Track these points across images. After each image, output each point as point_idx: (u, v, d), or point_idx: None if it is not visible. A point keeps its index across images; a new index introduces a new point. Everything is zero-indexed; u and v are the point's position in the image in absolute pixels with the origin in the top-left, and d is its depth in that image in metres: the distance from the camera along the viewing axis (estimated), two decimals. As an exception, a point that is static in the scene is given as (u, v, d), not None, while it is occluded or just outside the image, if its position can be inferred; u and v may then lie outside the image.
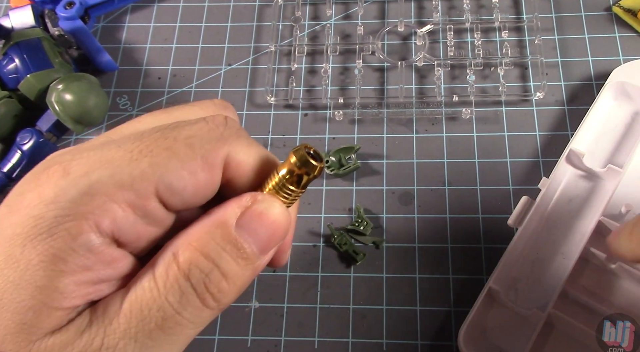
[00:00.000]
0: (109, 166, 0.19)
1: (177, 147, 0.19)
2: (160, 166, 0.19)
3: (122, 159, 0.19)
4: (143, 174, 0.19)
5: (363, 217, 0.42)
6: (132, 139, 0.20)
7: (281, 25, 0.51)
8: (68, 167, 0.19)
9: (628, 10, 0.47)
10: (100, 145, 0.20)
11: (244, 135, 0.21)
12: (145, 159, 0.19)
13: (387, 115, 0.46)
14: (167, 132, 0.20)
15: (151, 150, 0.19)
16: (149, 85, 0.49)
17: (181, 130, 0.20)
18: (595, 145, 0.42)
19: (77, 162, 0.19)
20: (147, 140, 0.19)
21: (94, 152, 0.19)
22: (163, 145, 0.19)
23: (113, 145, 0.20)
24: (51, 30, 0.47)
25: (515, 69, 0.47)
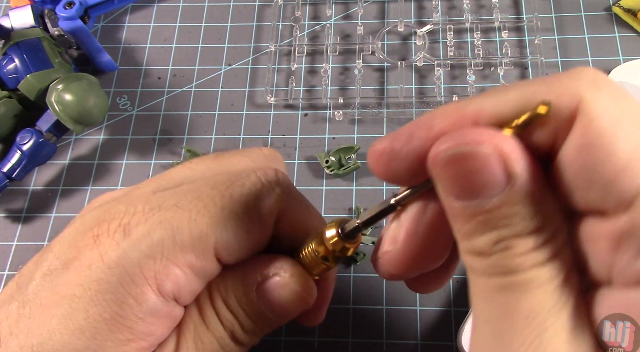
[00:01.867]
0: (168, 226, 0.19)
1: (234, 206, 0.19)
2: (219, 226, 0.19)
3: (181, 219, 0.19)
4: (202, 235, 0.19)
5: (363, 217, 0.42)
6: (188, 196, 0.19)
7: (281, 25, 0.51)
8: (128, 226, 0.19)
9: (628, 10, 0.47)
10: (157, 200, 0.20)
11: (294, 193, 0.21)
12: (204, 220, 0.19)
13: (387, 115, 0.46)
14: (224, 189, 0.20)
15: (209, 209, 0.19)
16: (149, 85, 0.49)
17: (236, 187, 0.20)
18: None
19: (136, 220, 0.19)
20: (204, 199, 0.19)
21: (150, 208, 0.19)
22: (220, 204, 0.19)
23: (170, 203, 0.19)
24: (51, 30, 0.47)
25: (515, 69, 0.47)
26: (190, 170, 0.22)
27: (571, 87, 0.15)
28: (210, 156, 0.23)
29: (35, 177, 0.47)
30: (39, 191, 0.46)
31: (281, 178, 0.22)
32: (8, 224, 0.45)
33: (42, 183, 0.46)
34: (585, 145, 0.15)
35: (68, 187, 0.46)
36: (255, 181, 0.21)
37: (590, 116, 0.15)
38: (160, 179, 0.22)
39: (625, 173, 0.14)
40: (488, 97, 0.17)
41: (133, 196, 0.20)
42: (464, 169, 0.15)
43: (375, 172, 0.18)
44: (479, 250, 0.16)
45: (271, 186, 0.21)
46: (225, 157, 0.23)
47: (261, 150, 0.24)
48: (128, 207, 0.20)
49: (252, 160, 0.23)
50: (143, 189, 0.21)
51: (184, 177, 0.22)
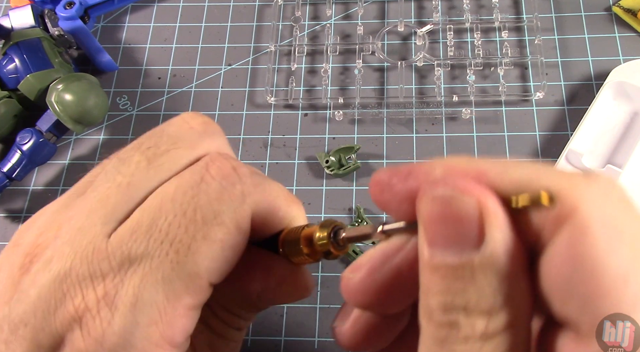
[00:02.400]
0: (154, 282, 0.17)
1: (210, 231, 0.18)
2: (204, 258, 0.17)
3: (163, 268, 0.17)
4: (192, 276, 0.17)
5: (363, 217, 0.42)
6: (152, 233, 0.17)
7: (281, 25, 0.51)
8: (108, 298, 0.17)
9: (628, 10, 0.47)
10: (118, 250, 0.17)
11: (253, 178, 0.19)
12: (187, 259, 0.17)
13: (387, 115, 0.46)
14: (190, 212, 0.18)
15: (185, 243, 0.17)
16: (149, 85, 0.49)
17: (202, 206, 0.18)
18: (594, 145, 0.42)
19: (113, 287, 0.17)
20: (172, 232, 0.17)
21: (118, 265, 0.17)
22: (192, 233, 0.17)
23: (137, 251, 0.17)
24: (51, 30, 0.47)
25: (515, 69, 0.47)
26: (119, 176, 0.19)
27: (577, 188, 0.14)
28: (135, 152, 0.20)
29: (35, 177, 0.47)
30: (39, 190, 0.46)
31: (237, 168, 0.19)
32: (8, 224, 0.45)
33: (42, 183, 0.46)
34: (573, 256, 0.14)
35: (68, 187, 0.46)
36: (217, 187, 0.18)
37: (585, 228, 0.14)
38: (87, 200, 0.19)
39: (609, 296, 0.13)
40: (494, 164, 0.16)
41: (80, 244, 0.18)
42: (442, 215, 0.15)
43: (372, 197, 0.18)
44: (429, 310, 0.15)
45: (234, 185, 0.19)
46: (156, 153, 0.19)
47: (187, 123, 0.20)
48: (91, 267, 0.17)
49: (187, 146, 0.20)
50: (82, 223, 0.18)
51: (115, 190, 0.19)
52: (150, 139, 0.20)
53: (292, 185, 0.44)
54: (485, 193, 0.15)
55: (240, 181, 0.19)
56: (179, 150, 0.20)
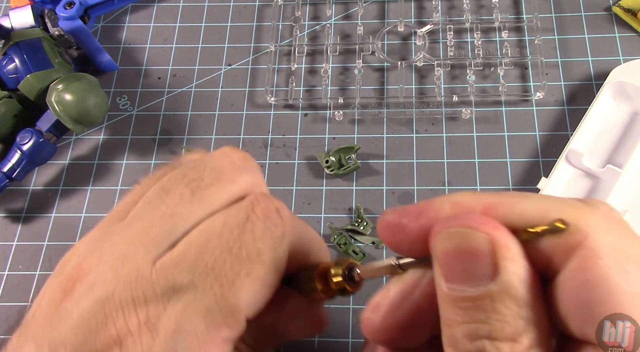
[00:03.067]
0: (196, 312, 0.17)
1: (252, 268, 0.18)
2: (244, 292, 0.18)
3: (206, 299, 0.17)
4: (233, 309, 0.18)
5: (363, 217, 0.42)
6: (199, 265, 0.18)
7: (281, 25, 0.51)
8: (149, 323, 0.17)
9: (628, 10, 0.47)
10: (164, 278, 0.18)
11: (295, 224, 0.20)
12: (230, 293, 0.18)
13: (387, 115, 0.46)
14: (236, 248, 0.18)
15: (229, 278, 0.18)
16: (149, 85, 0.49)
17: (247, 243, 0.18)
18: (595, 145, 0.42)
19: (155, 312, 0.17)
20: (219, 265, 0.18)
21: (162, 292, 0.17)
22: (237, 269, 0.18)
23: (183, 280, 0.18)
24: (51, 30, 0.47)
25: (515, 69, 0.47)
26: (163, 206, 0.20)
27: (584, 216, 0.15)
28: (178, 183, 0.20)
29: (35, 177, 0.47)
30: (39, 190, 0.46)
31: (280, 210, 0.20)
32: (8, 224, 0.45)
33: (42, 183, 0.46)
34: (587, 282, 0.15)
35: (68, 187, 0.46)
36: (261, 228, 0.19)
37: (596, 253, 0.15)
38: (130, 227, 0.19)
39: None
40: (503, 197, 0.17)
41: (124, 269, 0.18)
42: (456, 251, 0.16)
43: (382, 239, 0.19)
44: (455, 340, 0.16)
45: (278, 229, 0.19)
46: (200, 186, 0.20)
47: (228, 157, 0.21)
48: (134, 292, 0.17)
49: (228, 180, 0.20)
50: (126, 250, 0.19)
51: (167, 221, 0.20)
52: (193, 171, 0.21)
53: (292, 185, 0.44)
54: (496, 227, 0.16)
55: (283, 223, 0.20)
56: (221, 184, 0.20)
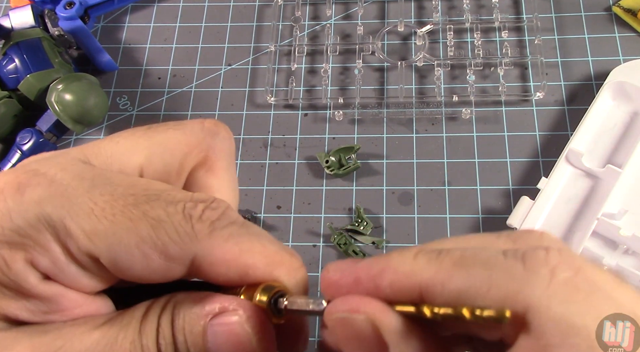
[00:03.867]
0: (66, 206, 0.16)
1: (140, 225, 0.17)
2: (115, 237, 0.17)
3: (81, 207, 0.17)
4: (93, 235, 0.17)
5: (363, 217, 0.42)
6: (101, 189, 0.17)
7: (281, 25, 0.51)
8: (24, 185, 0.17)
9: (628, 10, 0.47)
10: (72, 169, 0.17)
11: (220, 228, 0.17)
12: (104, 222, 0.17)
13: (387, 115, 0.46)
14: (141, 201, 0.17)
15: (114, 214, 0.17)
16: (149, 85, 0.49)
17: (154, 205, 0.17)
18: (594, 145, 0.42)
19: (37, 181, 0.17)
20: (117, 200, 0.17)
21: (61, 174, 0.17)
22: (128, 215, 0.17)
23: (82, 182, 0.17)
24: (51, 30, 0.47)
25: (515, 69, 0.47)
26: (116, 145, 0.20)
27: (523, 292, 0.15)
28: (141, 129, 0.20)
29: (35, 177, 0.46)
30: (39, 190, 0.46)
31: (208, 210, 0.18)
32: (8, 224, 0.45)
33: (42, 183, 0.46)
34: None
35: (68, 187, 0.46)
36: (178, 208, 0.17)
37: (540, 334, 0.15)
38: (86, 150, 0.19)
39: None
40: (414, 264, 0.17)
41: (55, 158, 0.18)
42: (344, 335, 0.17)
43: (326, 295, 0.19)
44: None
45: (190, 221, 0.17)
46: (157, 131, 0.20)
47: (202, 123, 0.21)
48: (43, 165, 0.17)
49: (187, 135, 0.20)
50: (67, 156, 0.19)
51: (110, 154, 0.19)
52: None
53: (292, 185, 0.44)
54: (375, 307, 0.16)
55: (200, 220, 0.17)
56: (177, 132, 0.21)
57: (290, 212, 0.43)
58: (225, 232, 0.17)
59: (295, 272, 0.19)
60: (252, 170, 0.45)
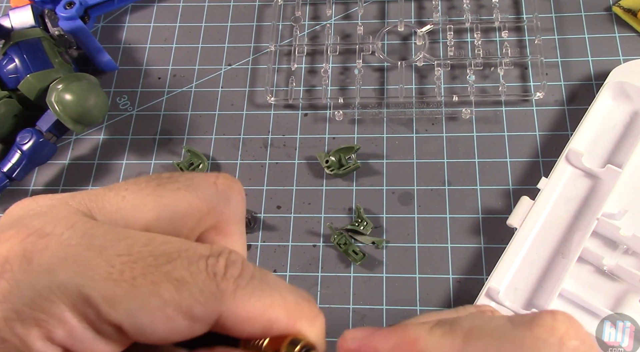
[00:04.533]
0: (81, 271, 0.15)
1: (163, 288, 0.16)
2: (137, 301, 0.16)
3: (97, 271, 0.16)
4: (114, 302, 0.16)
5: (363, 217, 0.42)
6: (116, 248, 0.16)
7: (281, 25, 0.51)
8: (30, 251, 0.15)
9: (628, 10, 0.47)
10: (80, 227, 0.16)
11: (244, 285, 0.17)
12: (124, 286, 0.16)
13: (387, 115, 0.46)
14: (162, 262, 0.16)
15: (134, 277, 0.16)
16: (149, 85, 0.49)
17: (176, 264, 0.16)
18: (594, 145, 0.42)
19: (44, 244, 0.16)
20: (137, 262, 0.16)
21: (68, 234, 0.16)
22: (150, 278, 0.16)
23: (93, 240, 0.16)
24: (51, 30, 0.47)
25: (515, 69, 0.47)
26: (123, 200, 0.18)
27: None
28: (150, 184, 0.19)
29: (35, 177, 0.47)
30: (39, 191, 0.46)
31: (231, 267, 0.17)
32: (8, 224, 0.45)
33: (42, 183, 0.46)
34: None
35: (68, 187, 0.46)
36: (200, 267, 0.17)
37: None
38: (89, 201, 0.18)
39: None
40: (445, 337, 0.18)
41: (53, 214, 0.17)
42: None
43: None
44: None
45: (214, 280, 0.17)
46: (167, 190, 0.19)
47: (215, 184, 0.20)
48: (45, 223, 0.16)
49: (200, 199, 0.19)
50: (66, 210, 0.17)
51: (116, 209, 0.18)
52: (172, 174, 0.20)
53: (292, 185, 0.44)
54: None
55: (225, 278, 0.17)
56: (190, 194, 0.20)
57: (290, 212, 0.43)
58: (249, 290, 0.17)
59: (315, 320, 0.19)
60: (252, 171, 0.45)
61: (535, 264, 0.38)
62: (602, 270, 0.37)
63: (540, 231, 0.39)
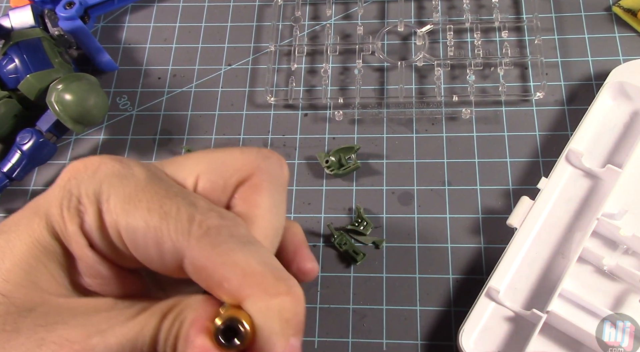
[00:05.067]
0: (118, 190, 0.19)
1: (153, 215, 0.18)
2: (135, 220, 0.18)
3: (126, 191, 0.19)
4: (122, 213, 0.18)
5: (363, 217, 0.42)
6: (151, 185, 0.19)
7: (281, 25, 0.51)
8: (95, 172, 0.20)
9: (628, 10, 0.47)
10: (144, 169, 0.20)
11: (212, 235, 0.18)
12: (133, 204, 0.18)
13: (387, 115, 0.46)
14: (167, 196, 0.19)
15: (140, 200, 0.19)
16: (149, 85, 0.49)
17: (174, 200, 0.19)
18: (594, 145, 0.42)
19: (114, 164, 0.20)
20: (153, 195, 0.19)
21: (137, 169, 0.20)
22: (150, 205, 0.18)
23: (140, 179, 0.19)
24: (51, 30, 0.47)
25: (515, 69, 0.47)
26: (187, 159, 0.22)
27: None
28: (209, 149, 0.23)
29: (35, 177, 0.47)
30: (39, 191, 0.46)
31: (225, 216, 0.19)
32: (8, 224, 0.45)
33: (42, 183, 0.46)
34: None
35: (68, 187, 0.46)
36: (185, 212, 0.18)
37: None
38: (168, 161, 0.22)
39: None
40: None
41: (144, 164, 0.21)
42: None
43: None
44: None
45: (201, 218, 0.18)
46: (220, 150, 0.22)
47: (259, 149, 0.22)
48: (131, 161, 0.21)
49: (244, 154, 0.22)
50: (155, 164, 0.22)
51: (181, 163, 0.22)
52: None
53: (292, 185, 0.44)
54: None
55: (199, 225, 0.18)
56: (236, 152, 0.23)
57: (290, 212, 0.43)
58: (217, 240, 0.17)
59: (273, 297, 0.17)
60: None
61: (535, 264, 0.38)
62: (602, 270, 0.37)
63: (540, 231, 0.39)
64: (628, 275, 0.36)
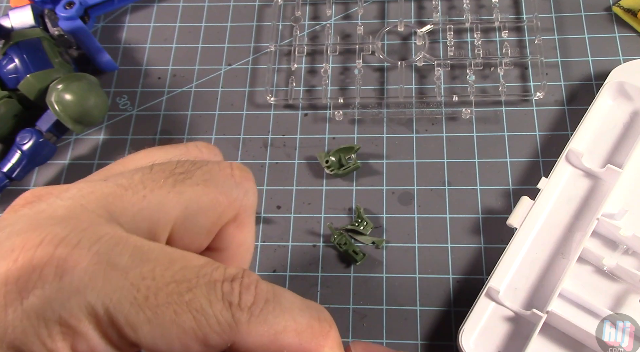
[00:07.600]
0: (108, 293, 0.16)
1: (184, 318, 0.16)
2: (158, 329, 0.16)
3: (124, 293, 0.16)
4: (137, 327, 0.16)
5: (363, 217, 0.42)
6: (141, 268, 0.16)
7: (281, 25, 0.51)
8: (62, 269, 0.16)
9: (628, 10, 0.47)
10: (108, 242, 0.16)
11: (257, 313, 0.17)
12: (147, 312, 0.16)
13: (387, 115, 0.46)
14: (183, 290, 0.17)
15: (158, 305, 0.17)
16: (149, 85, 0.49)
17: (197, 293, 0.17)
18: (594, 145, 0.42)
19: (75, 261, 0.16)
20: (161, 289, 0.17)
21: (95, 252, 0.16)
22: (173, 307, 0.16)
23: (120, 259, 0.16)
24: (51, 30, 0.47)
25: (515, 69, 0.47)
26: (143, 201, 0.19)
27: None
28: (168, 181, 0.19)
29: (35, 177, 0.47)
30: (39, 190, 0.46)
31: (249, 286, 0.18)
32: (8, 224, 0.45)
33: (42, 183, 0.46)
34: None
35: (68, 187, 0.46)
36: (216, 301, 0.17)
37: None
38: (112, 206, 0.18)
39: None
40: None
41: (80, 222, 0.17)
42: None
43: None
44: None
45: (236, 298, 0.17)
46: (186, 185, 0.19)
47: (232, 176, 0.21)
48: (70, 235, 0.16)
49: (222, 195, 0.20)
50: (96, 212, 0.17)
51: (138, 210, 0.19)
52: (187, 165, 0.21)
53: (292, 185, 0.44)
54: None
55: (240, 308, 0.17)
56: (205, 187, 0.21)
57: (290, 212, 0.43)
58: (262, 318, 0.17)
59: (326, 337, 0.18)
60: (252, 170, 0.44)
61: (535, 264, 0.38)
62: (602, 270, 0.37)
63: (540, 231, 0.39)
64: (628, 275, 0.36)
